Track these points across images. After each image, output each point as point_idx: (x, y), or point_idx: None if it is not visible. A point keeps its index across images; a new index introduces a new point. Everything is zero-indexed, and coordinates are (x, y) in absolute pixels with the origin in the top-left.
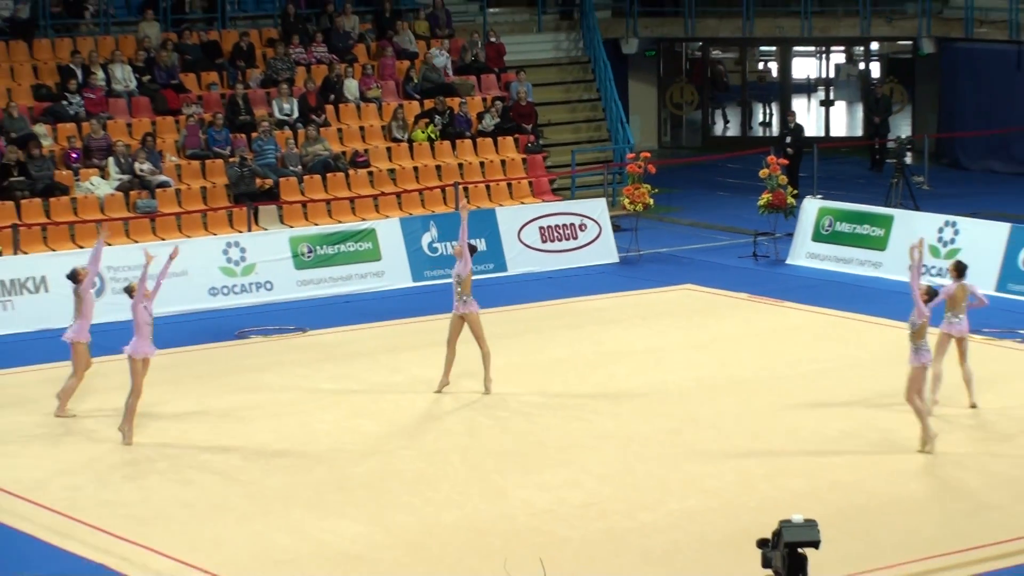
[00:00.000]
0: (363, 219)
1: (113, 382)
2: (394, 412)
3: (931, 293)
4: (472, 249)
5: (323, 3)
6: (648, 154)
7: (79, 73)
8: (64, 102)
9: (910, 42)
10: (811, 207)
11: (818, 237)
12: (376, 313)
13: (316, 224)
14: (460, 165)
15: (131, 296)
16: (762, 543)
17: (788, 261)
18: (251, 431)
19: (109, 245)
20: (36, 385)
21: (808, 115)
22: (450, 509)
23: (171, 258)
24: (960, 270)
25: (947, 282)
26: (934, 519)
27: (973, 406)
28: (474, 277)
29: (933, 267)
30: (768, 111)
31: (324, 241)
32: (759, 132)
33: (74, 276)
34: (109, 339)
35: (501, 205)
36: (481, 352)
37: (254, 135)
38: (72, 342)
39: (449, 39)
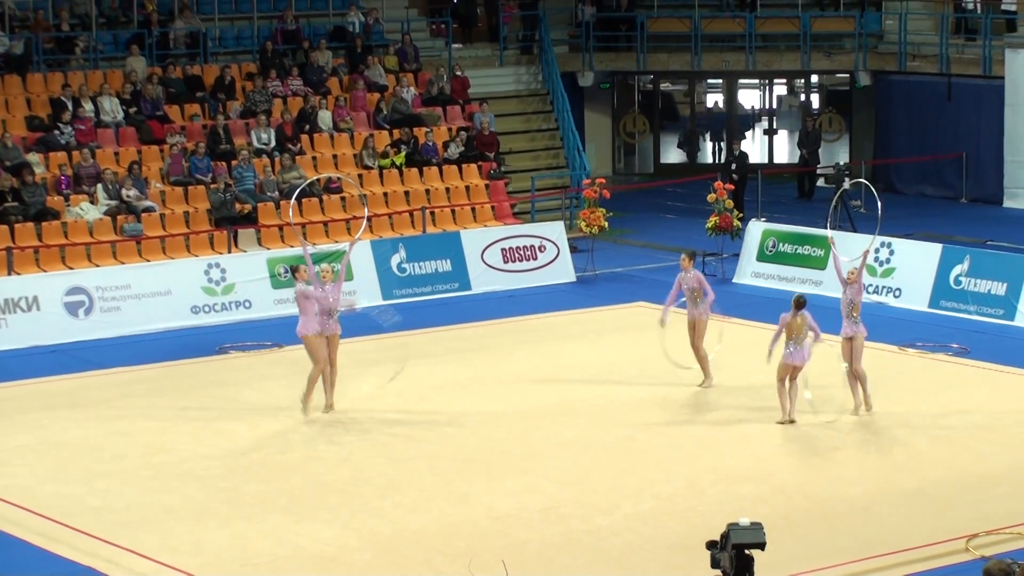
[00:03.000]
0: (336, 241)
1: (94, 396)
2: (364, 422)
3: (799, 303)
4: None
5: (299, 39)
6: (603, 180)
7: (70, 105)
8: (56, 132)
9: (848, 75)
10: (756, 229)
11: (762, 257)
12: (347, 330)
13: (292, 246)
14: (427, 191)
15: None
16: (711, 545)
17: (734, 280)
18: (230, 440)
19: (97, 267)
20: (27, 398)
21: (752, 143)
22: (418, 514)
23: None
24: (800, 304)
25: (885, 300)
26: (872, 521)
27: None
28: (438, 296)
29: (870, 285)
30: (717, 142)
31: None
32: (707, 159)
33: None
34: (99, 354)
35: (465, 228)
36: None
37: (234, 163)
38: (300, 335)
39: (417, 73)
